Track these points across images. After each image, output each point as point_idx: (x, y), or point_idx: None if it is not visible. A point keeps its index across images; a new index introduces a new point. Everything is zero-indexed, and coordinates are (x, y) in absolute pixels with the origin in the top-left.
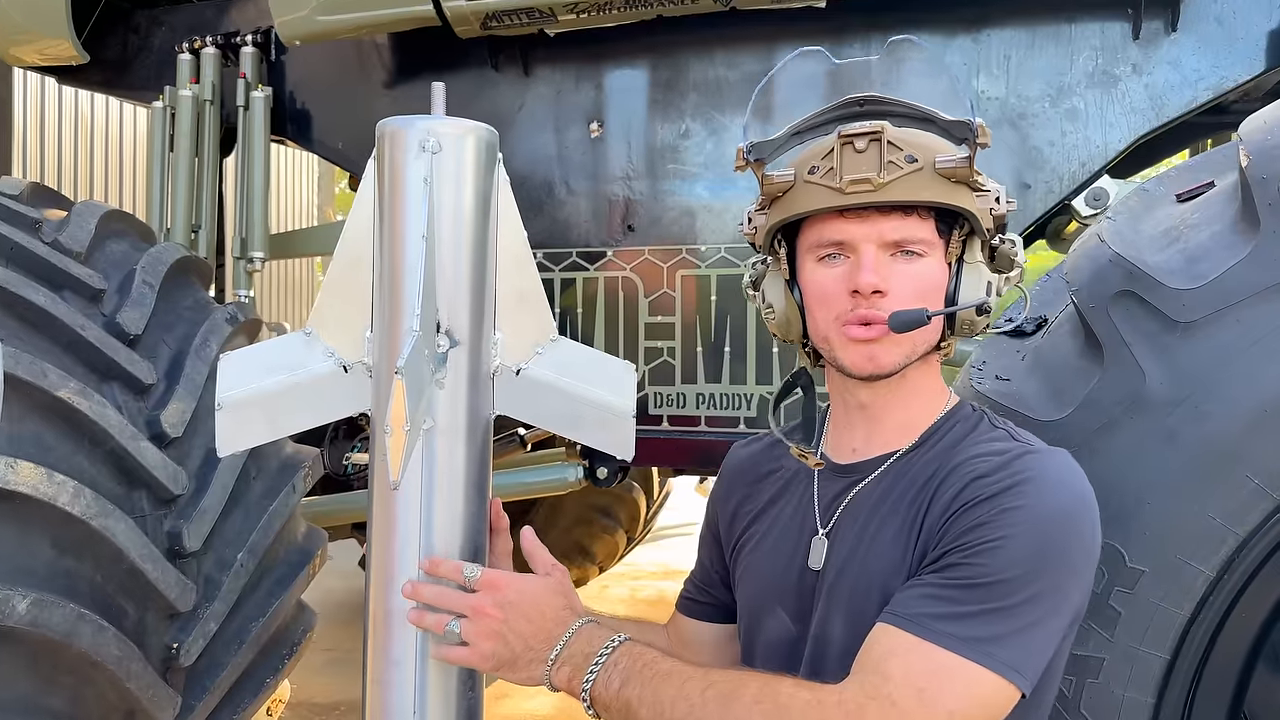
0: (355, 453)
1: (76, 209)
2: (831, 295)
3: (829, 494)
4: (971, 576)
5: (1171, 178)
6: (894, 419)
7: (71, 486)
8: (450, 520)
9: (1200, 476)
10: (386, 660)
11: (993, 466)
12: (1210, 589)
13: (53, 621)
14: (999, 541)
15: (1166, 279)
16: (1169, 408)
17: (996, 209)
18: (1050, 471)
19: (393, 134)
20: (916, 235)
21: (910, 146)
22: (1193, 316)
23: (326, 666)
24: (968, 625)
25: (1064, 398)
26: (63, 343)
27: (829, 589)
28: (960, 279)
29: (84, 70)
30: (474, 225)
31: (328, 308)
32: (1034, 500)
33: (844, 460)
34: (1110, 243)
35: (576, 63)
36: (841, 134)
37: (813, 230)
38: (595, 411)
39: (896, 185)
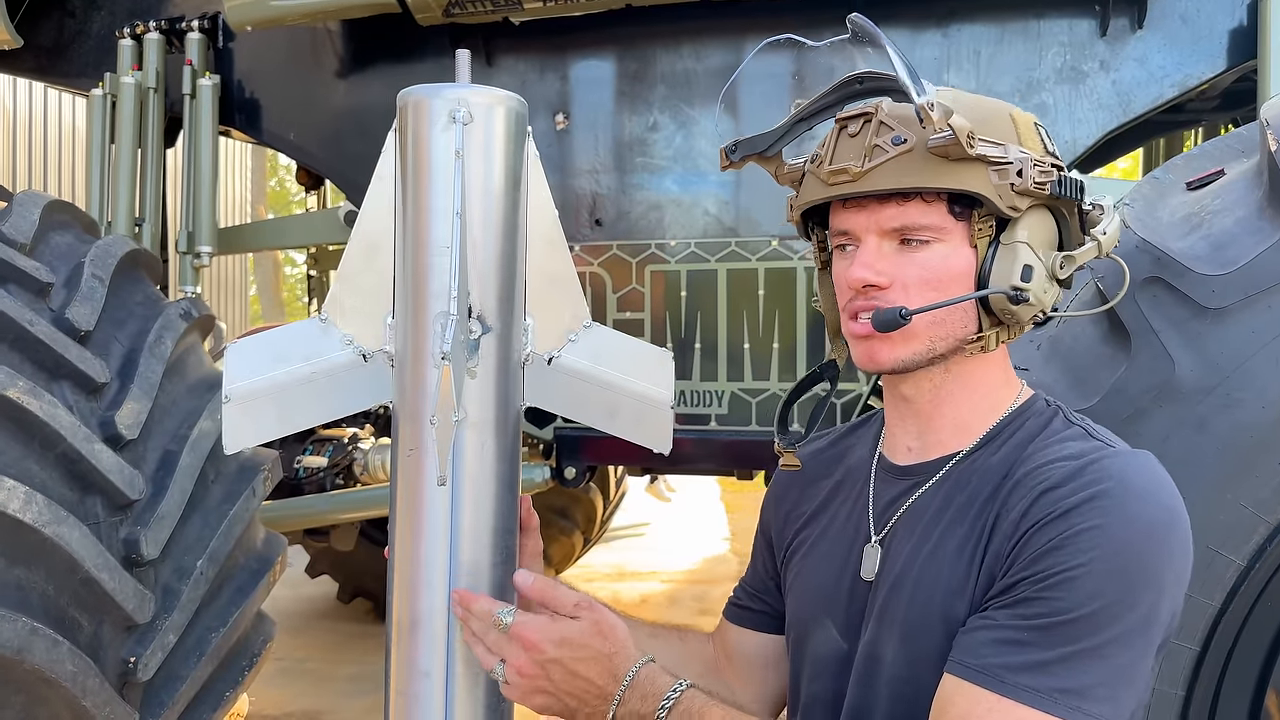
0: (307, 456)
1: (18, 199)
2: (841, 286)
3: (885, 498)
4: (1049, 614)
5: (1179, 166)
6: (946, 417)
7: (22, 492)
8: (481, 520)
9: (1231, 465)
10: (412, 671)
11: (1065, 475)
12: (1241, 579)
13: (3, 637)
14: (1077, 570)
15: (1194, 265)
16: (1199, 396)
17: (1019, 183)
18: (1131, 480)
19: (417, 104)
20: (920, 221)
21: (903, 125)
22: (1223, 303)
23: (277, 676)
24: (1051, 676)
25: (1088, 386)
26: (9, 339)
27: (881, 604)
28: (992, 262)
29: (16, 55)
30: (504, 202)
31: (344, 294)
32: (1114, 518)
33: (900, 461)
34: (1135, 228)
35: (541, 53)
36: (838, 118)
37: (832, 219)
38: (632, 403)
39: (880, 171)
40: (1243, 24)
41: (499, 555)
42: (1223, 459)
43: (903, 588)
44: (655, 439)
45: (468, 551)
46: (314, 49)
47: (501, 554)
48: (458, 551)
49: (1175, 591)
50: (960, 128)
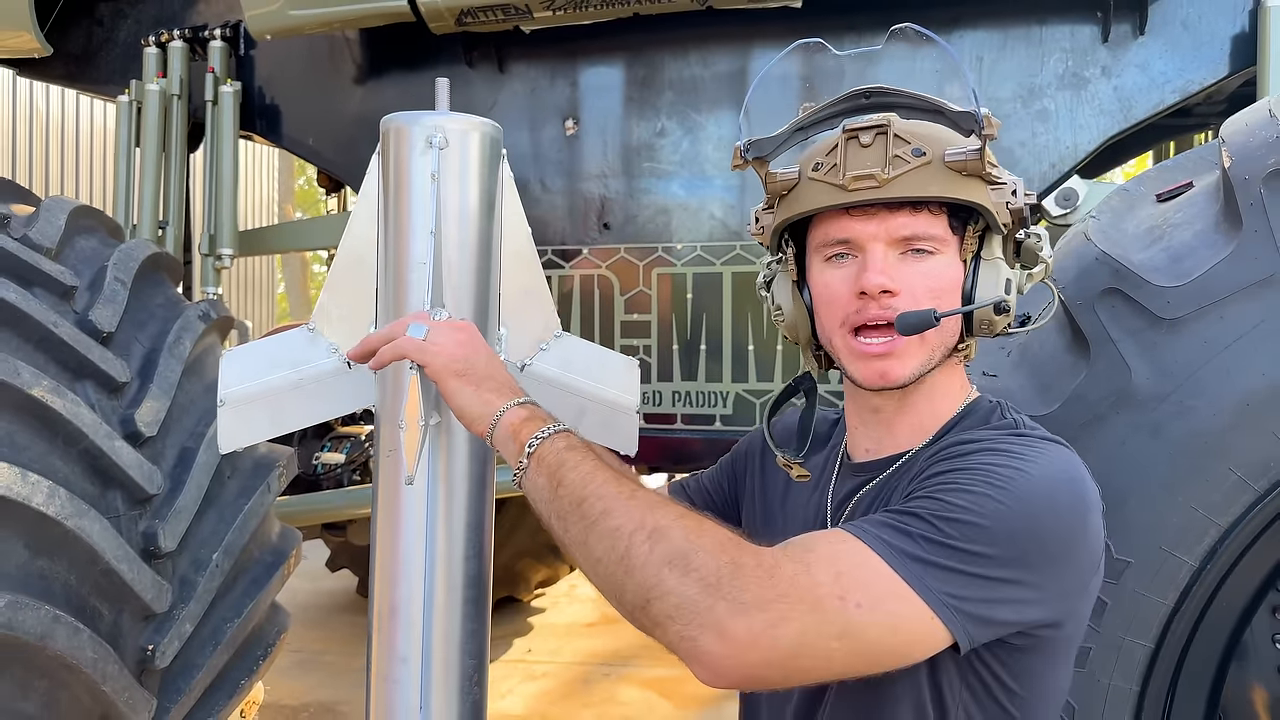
0: (325, 452)
1: (45, 204)
2: (838, 297)
3: (842, 491)
4: (930, 509)
5: (1151, 178)
6: (907, 421)
7: (46, 486)
8: (457, 515)
9: (1184, 470)
10: (392, 657)
11: (975, 437)
12: (1193, 579)
13: (27, 624)
14: (968, 485)
15: (1151, 276)
16: (1154, 402)
17: (1014, 202)
18: (1046, 455)
19: (398, 130)
20: (927, 232)
21: (918, 139)
22: (1177, 313)
23: (294, 668)
24: (910, 543)
25: (1051, 393)
26: (34, 340)
27: None
28: (977, 277)
29: (46, 63)
30: (479, 221)
31: (331, 304)
32: (1017, 468)
33: (858, 459)
34: (1096, 241)
35: (552, 60)
36: (846, 128)
37: (819, 229)
38: (599, 408)
39: (903, 180)
40: (1244, 30)
41: (471, 549)
42: (1176, 463)
43: None
44: (622, 441)
45: (442, 544)
46: (332, 57)
47: (474, 547)
48: (433, 545)
49: (1065, 564)
50: (980, 148)
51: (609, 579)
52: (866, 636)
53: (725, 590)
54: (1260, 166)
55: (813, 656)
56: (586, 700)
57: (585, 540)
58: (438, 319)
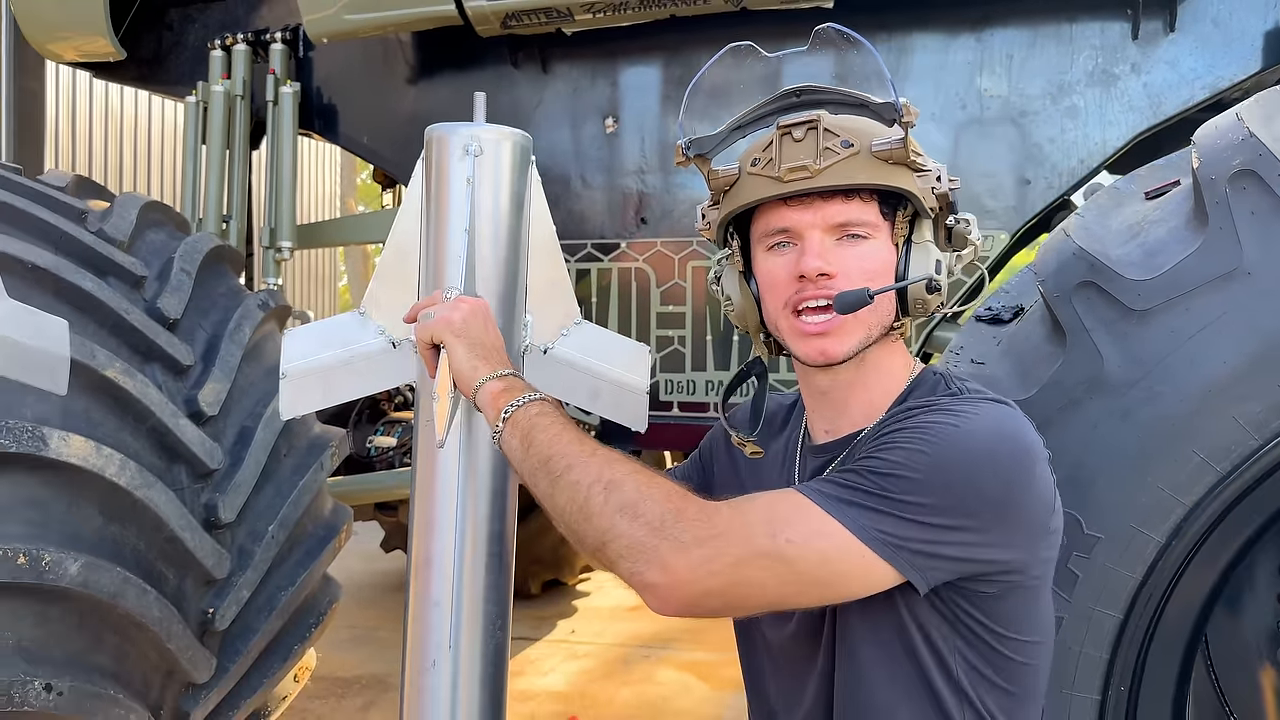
0: (378, 436)
1: (118, 200)
2: (780, 282)
3: (807, 472)
4: (867, 467)
5: (1142, 176)
6: (858, 400)
7: (118, 459)
8: (482, 480)
9: (1151, 451)
10: (426, 601)
11: (921, 404)
12: (1160, 554)
13: (101, 583)
14: (904, 443)
15: (1125, 270)
16: (1124, 388)
17: (939, 187)
18: (982, 410)
19: (440, 139)
20: (860, 218)
21: (846, 132)
22: (1147, 305)
23: (349, 643)
24: (846, 493)
25: (1030, 379)
26: (108, 326)
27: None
28: (908, 258)
29: (120, 66)
30: (509, 220)
31: (379, 291)
32: (951, 424)
33: (819, 441)
34: (1074, 237)
35: (593, 60)
36: (780, 125)
37: (761, 220)
38: (612, 388)
39: (833, 170)
40: (1276, 25)
41: (495, 511)
42: (1144, 446)
43: None
44: (632, 419)
45: (472, 505)
46: (385, 59)
47: (497, 510)
48: (462, 504)
49: (1006, 508)
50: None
51: (571, 525)
52: (797, 567)
53: (668, 531)
54: (1226, 167)
55: (748, 585)
56: (626, 680)
57: (551, 493)
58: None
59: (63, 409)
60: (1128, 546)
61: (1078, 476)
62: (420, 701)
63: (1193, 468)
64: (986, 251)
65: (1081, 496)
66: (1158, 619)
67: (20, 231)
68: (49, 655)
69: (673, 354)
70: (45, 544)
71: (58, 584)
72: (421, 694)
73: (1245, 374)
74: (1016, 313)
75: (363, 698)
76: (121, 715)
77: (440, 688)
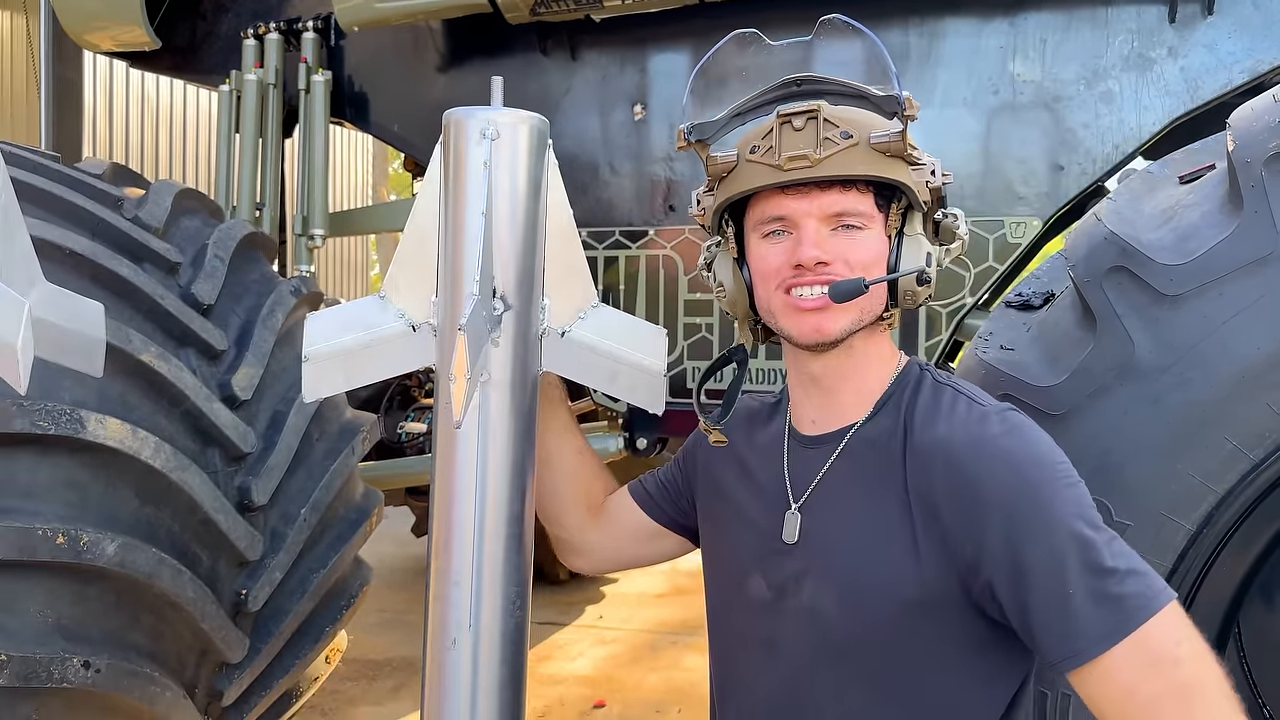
0: (409, 422)
1: (154, 188)
2: (775, 269)
3: (798, 467)
4: (1087, 570)
5: (1177, 160)
6: (848, 390)
7: (153, 442)
8: (502, 460)
9: (1182, 438)
10: (447, 580)
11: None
12: (1190, 542)
13: (137, 563)
14: (1052, 532)
15: (1157, 255)
16: (1155, 374)
17: (933, 181)
18: (1025, 433)
19: (457, 123)
20: (856, 208)
21: (845, 123)
22: (1180, 290)
23: (380, 626)
24: (1121, 585)
25: (1060, 365)
26: (143, 311)
27: (817, 567)
28: (900, 250)
29: (155, 55)
30: (526, 203)
31: (399, 275)
32: (1036, 479)
33: (807, 432)
34: (1106, 221)
35: (621, 47)
36: (780, 113)
37: (757, 208)
38: (630, 370)
39: (833, 160)
40: None
41: (515, 491)
42: (1175, 433)
43: (834, 553)
44: (649, 401)
45: (491, 487)
46: (415, 46)
47: (517, 490)
48: (483, 486)
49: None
50: (902, 130)
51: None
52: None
53: None
54: (1262, 150)
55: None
56: (653, 665)
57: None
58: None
59: (99, 392)
60: (1157, 534)
61: (1107, 463)
62: (441, 679)
63: (1225, 455)
64: (1019, 238)
65: (1110, 483)
66: (1187, 608)
67: (58, 218)
68: (87, 633)
69: (700, 341)
70: (83, 524)
71: (95, 564)
72: (442, 671)
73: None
74: (1047, 299)
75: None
76: (157, 692)
77: (461, 665)
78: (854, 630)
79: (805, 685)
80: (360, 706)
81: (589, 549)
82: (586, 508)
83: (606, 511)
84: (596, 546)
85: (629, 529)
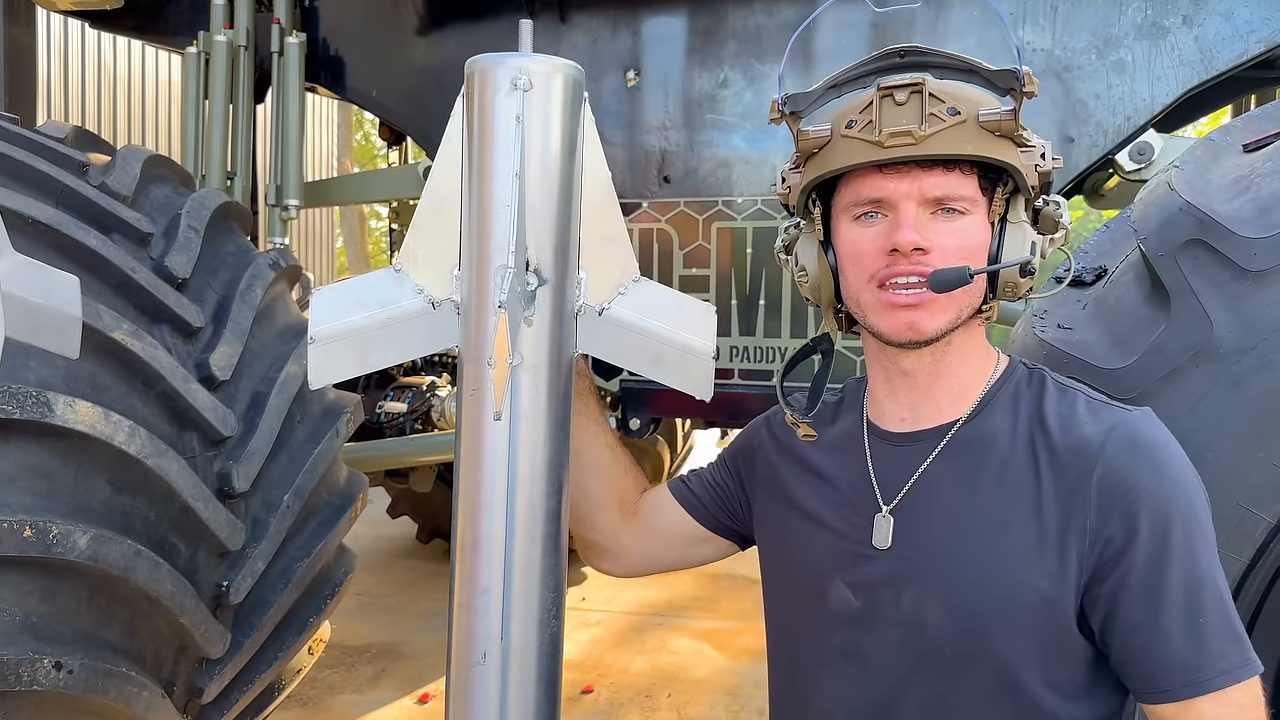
0: (388, 402)
1: (121, 153)
2: (867, 255)
3: (887, 467)
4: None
5: (1238, 128)
6: (944, 386)
7: (127, 426)
8: (536, 452)
9: (1265, 424)
10: (474, 587)
11: (1127, 468)
12: (1271, 536)
13: (111, 557)
14: (1196, 558)
15: (1237, 227)
16: (1236, 356)
17: (1042, 165)
18: (1171, 449)
19: (483, 71)
20: (959, 192)
21: (952, 99)
22: (1264, 265)
23: (359, 611)
24: (1220, 644)
25: (1128, 346)
26: (114, 285)
27: (916, 572)
28: (1003, 238)
29: (117, 15)
30: (561, 164)
31: (416, 246)
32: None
33: (894, 429)
34: (1181, 191)
35: (613, 9)
36: (881, 86)
37: (849, 188)
38: (676, 352)
39: (938, 138)
40: None
41: (551, 486)
42: (1257, 418)
43: (944, 556)
44: (697, 386)
45: (524, 482)
46: (395, 8)
47: (554, 485)
48: (514, 481)
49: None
50: (1014, 108)
51: None
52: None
53: None
54: None
55: None
56: (640, 648)
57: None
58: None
59: (68, 373)
60: (1236, 527)
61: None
62: (469, 698)
63: None
64: None
65: None
66: (1262, 603)
67: (20, 185)
68: (58, 632)
69: None
70: (53, 515)
71: (66, 557)
72: (470, 689)
73: None
74: (1099, 274)
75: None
76: (134, 692)
77: (490, 682)
78: (964, 639)
79: (899, 700)
80: (340, 694)
81: (622, 552)
82: (619, 508)
83: (641, 512)
84: (630, 550)
85: (669, 531)
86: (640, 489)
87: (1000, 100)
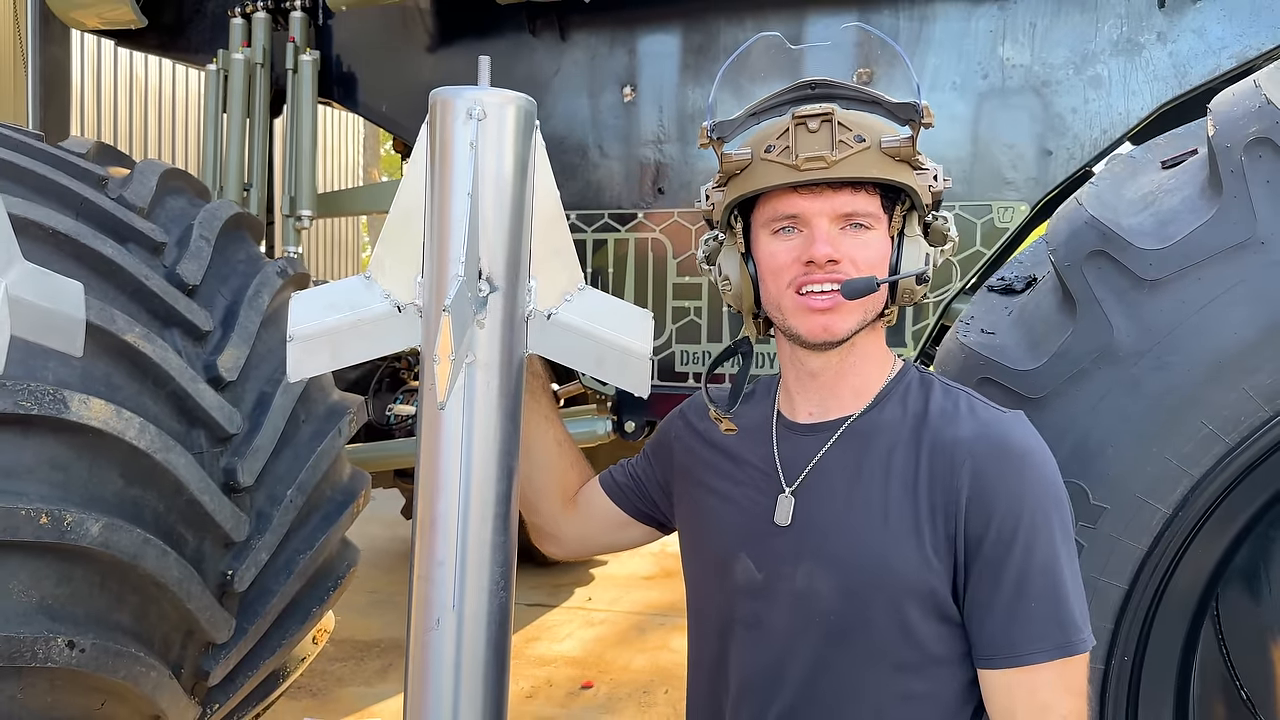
0: (397, 404)
1: (139, 167)
2: (785, 266)
3: (791, 453)
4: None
5: (1159, 145)
6: (848, 384)
7: (138, 423)
8: (487, 441)
9: (1160, 422)
10: (431, 560)
11: (991, 452)
12: (1166, 525)
13: (121, 544)
14: (1027, 535)
15: (1137, 240)
16: (1134, 359)
17: (935, 186)
18: (1034, 445)
19: (444, 103)
20: (865, 209)
21: (858, 127)
22: (1159, 275)
23: (369, 607)
24: (1051, 627)
25: (1039, 349)
26: (128, 291)
27: (811, 547)
28: (902, 250)
29: (142, 34)
30: (513, 184)
31: (384, 255)
32: (1037, 484)
33: (803, 420)
34: (1086, 205)
35: (611, 28)
36: (795, 115)
37: (768, 205)
38: (616, 353)
39: (847, 163)
40: None
41: (501, 471)
42: (1152, 416)
43: (834, 533)
44: (635, 384)
45: (476, 467)
46: (404, 27)
47: (504, 470)
48: (468, 466)
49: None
50: (911, 136)
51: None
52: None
53: None
54: (1241, 135)
55: None
56: (641, 647)
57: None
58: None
59: (83, 373)
60: (1134, 517)
61: (1085, 447)
62: (425, 660)
63: (1201, 439)
64: (1006, 223)
65: (1088, 467)
66: (1163, 590)
67: (41, 197)
68: (71, 613)
69: (689, 325)
70: (67, 505)
71: (79, 544)
72: (426, 652)
73: (1257, 345)
74: (1029, 283)
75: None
76: (142, 673)
77: (445, 646)
78: (849, 611)
79: (792, 664)
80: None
81: (561, 536)
82: (561, 497)
83: (579, 501)
84: (568, 534)
85: (599, 518)
86: (583, 480)
87: (900, 129)
